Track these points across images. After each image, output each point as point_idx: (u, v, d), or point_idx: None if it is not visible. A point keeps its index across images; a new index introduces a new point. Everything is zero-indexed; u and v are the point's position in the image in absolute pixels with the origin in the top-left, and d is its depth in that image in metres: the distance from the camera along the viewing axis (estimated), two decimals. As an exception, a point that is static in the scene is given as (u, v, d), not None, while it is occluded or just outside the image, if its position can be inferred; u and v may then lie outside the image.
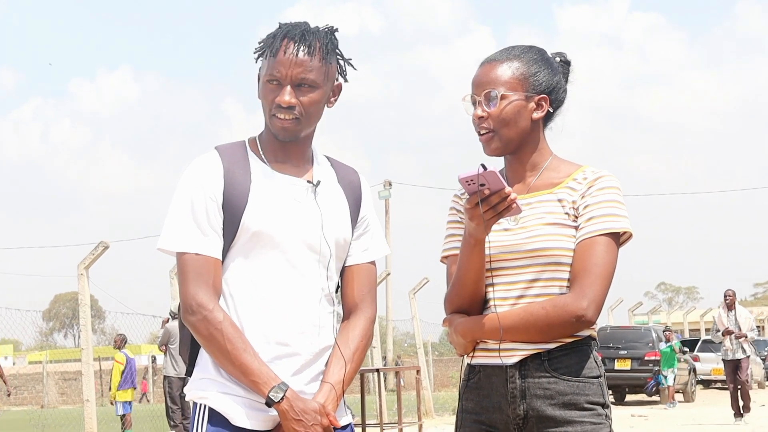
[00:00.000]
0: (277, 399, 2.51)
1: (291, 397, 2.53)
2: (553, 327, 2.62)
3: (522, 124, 2.73)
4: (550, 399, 2.66)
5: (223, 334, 2.55)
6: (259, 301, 2.62)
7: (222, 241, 2.63)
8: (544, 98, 2.75)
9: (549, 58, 2.81)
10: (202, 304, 2.57)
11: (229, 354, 2.54)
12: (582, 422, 2.65)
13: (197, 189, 2.63)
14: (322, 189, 2.72)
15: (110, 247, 11.61)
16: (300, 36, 2.63)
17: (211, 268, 2.60)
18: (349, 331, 2.74)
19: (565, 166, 2.79)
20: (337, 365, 2.67)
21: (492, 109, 2.72)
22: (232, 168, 2.65)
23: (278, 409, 2.52)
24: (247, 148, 2.72)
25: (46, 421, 19.40)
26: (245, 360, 2.54)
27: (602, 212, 2.67)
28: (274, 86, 2.63)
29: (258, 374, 2.53)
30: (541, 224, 2.69)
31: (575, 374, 2.67)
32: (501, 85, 2.72)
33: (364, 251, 2.81)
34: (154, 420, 18.06)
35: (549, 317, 2.62)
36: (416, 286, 18.78)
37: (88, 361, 11.66)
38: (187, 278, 2.60)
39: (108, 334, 65.04)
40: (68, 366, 42.90)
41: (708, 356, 28.16)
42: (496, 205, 2.53)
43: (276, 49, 2.62)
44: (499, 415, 2.72)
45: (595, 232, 2.65)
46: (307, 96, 2.63)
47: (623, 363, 21.64)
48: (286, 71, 2.61)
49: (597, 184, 2.70)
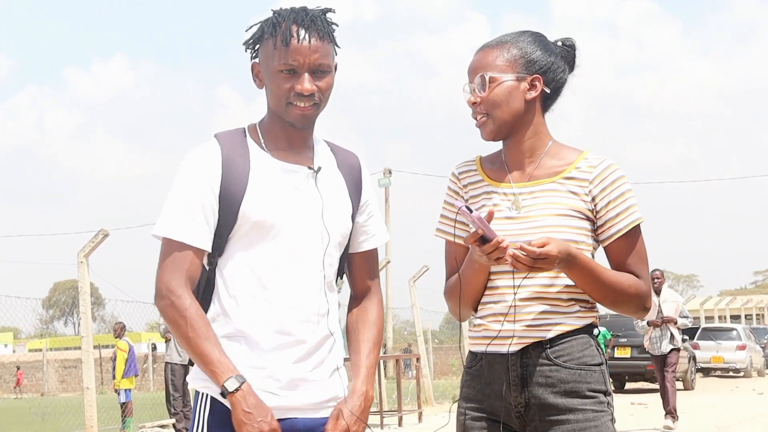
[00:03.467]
0: (231, 389, 2.51)
1: (246, 390, 2.52)
2: (624, 303, 2.72)
3: (515, 105, 2.73)
4: (551, 387, 2.67)
5: (186, 321, 2.55)
6: (260, 290, 2.61)
7: (212, 231, 2.62)
8: (537, 78, 2.75)
9: (544, 40, 2.81)
10: (171, 289, 2.58)
11: (191, 341, 2.55)
12: (584, 410, 2.65)
13: (193, 178, 2.62)
14: (323, 175, 2.70)
15: (110, 235, 11.59)
16: (310, 21, 2.61)
17: (188, 256, 2.59)
18: (368, 314, 2.81)
19: (566, 152, 2.78)
20: (366, 370, 2.73)
21: (483, 93, 2.73)
22: (231, 156, 2.64)
23: (231, 400, 2.52)
24: (247, 136, 2.70)
25: (46, 408, 19.44)
26: (205, 348, 2.54)
27: (625, 206, 2.71)
28: (289, 75, 2.60)
29: (216, 364, 2.53)
30: (547, 215, 2.69)
31: (577, 362, 2.67)
32: (492, 69, 2.73)
33: (372, 237, 2.82)
34: (155, 408, 18.08)
35: (628, 293, 2.70)
36: (416, 273, 18.78)
37: (88, 348, 11.64)
38: (163, 263, 2.61)
39: (108, 321, 65.11)
40: (68, 354, 43.05)
41: (707, 344, 28.19)
42: (491, 253, 2.55)
43: (288, 37, 2.59)
44: (501, 402, 2.72)
45: (628, 226, 2.71)
46: (324, 81, 2.63)
47: (623, 351, 21.67)
48: (303, 59, 2.59)
49: (609, 177, 2.71)
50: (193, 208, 2.60)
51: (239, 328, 2.60)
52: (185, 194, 2.61)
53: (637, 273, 2.72)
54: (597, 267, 2.67)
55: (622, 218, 2.70)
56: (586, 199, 2.71)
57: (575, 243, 2.67)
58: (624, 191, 2.71)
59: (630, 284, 2.70)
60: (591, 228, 2.72)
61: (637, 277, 2.72)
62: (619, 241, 2.71)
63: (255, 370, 2.58)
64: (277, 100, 2.64)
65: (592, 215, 2.71)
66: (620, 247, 2.72)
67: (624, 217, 2.70)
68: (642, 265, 2.73)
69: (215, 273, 2.65)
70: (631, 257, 2.72)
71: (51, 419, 18.13)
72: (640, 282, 2.72)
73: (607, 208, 2.70)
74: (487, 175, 2.83)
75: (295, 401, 2.60)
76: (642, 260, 2.74)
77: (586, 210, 2.70)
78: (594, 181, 2.70)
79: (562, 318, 2.68)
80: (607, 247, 2.73)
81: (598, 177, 2.70)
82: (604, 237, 2.72)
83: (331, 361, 2.69)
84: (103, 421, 15.18)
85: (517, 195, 2.75)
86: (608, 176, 2.70)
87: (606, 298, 2.70)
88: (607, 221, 2.70)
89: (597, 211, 2.71)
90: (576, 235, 2.68)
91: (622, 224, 2.70)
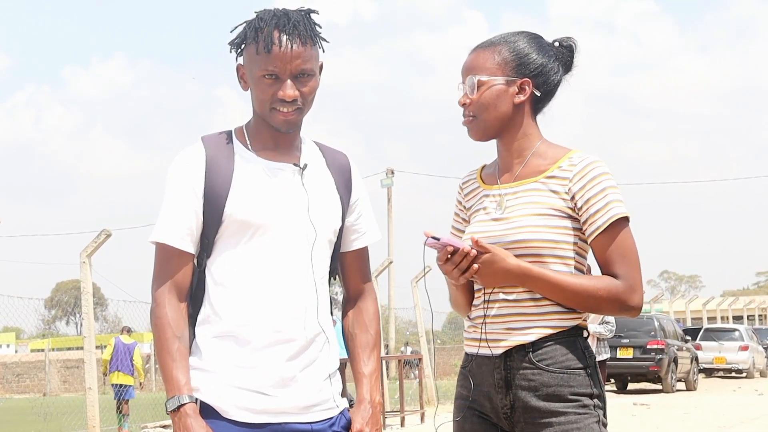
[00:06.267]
0: (170, 408, 2.55)
1: (184, 412, 2.52)
2: (598, 306, 2.68)
3: (502, 109, 2.74)
4: (534, 390, 2.68)
5: (157, 329, 2.60)
6: (249, 289, 2.61)
7: (198, 233, 2.64)
8: (527, 82, 2.75)
9: (539, 41, 2.81)
10: (154, 296, 2.63)
11: (157, 351, 2.60)
12: (566, 413, 2.65)
13: (177, 181, 2.64)
14: (309, 172, 2.70)
15: (112, 235, 11.59)
16: (292, 27, 2.59)
17: (174, 261, 2.63)
18: (364, 315, 2.82)
19: (553, 151, 2.78)
20: (367, 378, 2.75)
21: (473, 95, 2.75)
22: (216, 157, 2.65)
23: (171, 418, 2.56)
24: (233, 137, 2.71)
25: (48, 408, 19.42)
26: (165, 362, 2.57)
27: (606, 201, 2.67)
28: (272, 80, 2.60)
29: (168, 379, 2.56)
30: (525, 215, 2.70)
31: (559, 366, 2.67)
32: (482, 72, 2.75)
33: (363, 235, 2.82)
34: (157, 408, 18.07)
35: (598, 296, 2.66)
36: (418, 274, 18.77)
37: (90, 349, 11.64)
38: (154, 270, 2.66)
39: (110, 321, 65.22)
40: (70, 354, 43.05)
41: (710, 345, 28.19)
42: (460, 263, 2.65)
43: (270, 44, 2.58)
44: (489, 403, 2.75)
45: (607, 222, 2.66)
46: (307, 85, 2.63)
47: (625, 351, 21.65)
48: (285, 65, 2.59)
49: (589, 174, 2.69)
50: (177, 212, 2.62)
51: (230, 328, 2.61)
52: (170, 198, 2.64)
53: (617, 271, 2.66)
54: (555, 277, 2.64)
55: (602, 214, 2.66)
56: (566, 197, 2.69)
57: (555, 243, 2.67)
58: (605, 187, 2.67)
59: (600, 287, 2.65)
60: (575, 227, 2.70)
61: (616, 277, 2.67)
62: (600, 237, 2.67)
63: (245, 369, 2.58)
64: (261, 105, 2.65)
65: (574, 213, 2.69)
66: (602, 243, 2.68)
67: (603, 213, 2.66)
68: (624, 261, 2.67)
69: (205, 274, 2.66)
70: (613, 254, 2.67)
71: (53, 419, 18.11)
72: (614, 283, 2.66)
73: (587, 205, 2.67)
74: (483, 181, 2.87)
75: (284, 402, 2.60)
76: (624, 257, 2.67)
77: (566, 208, 2.69)
78: (573, 178, 2.69)
79: (538, 320, 2.68)
80: (591, 244, 2.70)
81: (578, 174, 2.69)
82: (587, 234, 2.70)
83: (323, 363, 2.68)
84: (106, 422, 15.18)
85: (502, 196, 2.77)
86: (588, 173, 2.68)
87: (576, 305, 2.68)
88: (588, 218, 2.68)
89: (578, 208, 2.69)
90: (556, 234, 2.67)
91: (601, 221, 2.67)
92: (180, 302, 2.62)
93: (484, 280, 2.68)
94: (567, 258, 2.69)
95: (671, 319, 25.47)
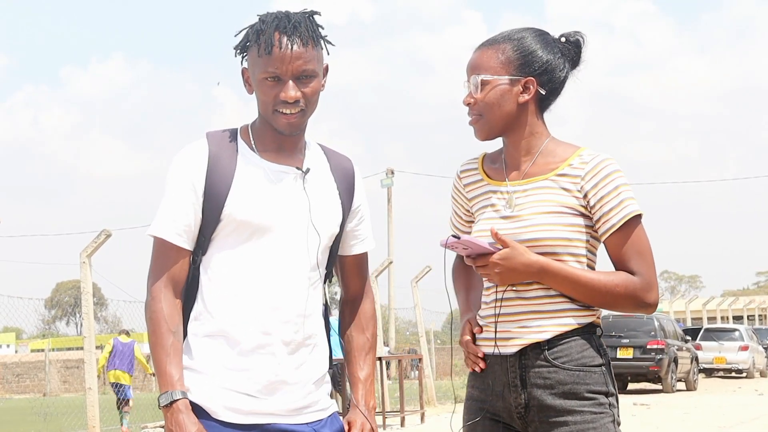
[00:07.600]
0: (162, 404, 2.55)
1: (176, 408, 2.52)
2: (615, 303, 2.68)
3: (507, 108, 2.73)
4: (550, 389, 2.66)
5: (152, 323, 2.61)
6: (243, 290, 2.60)
7: (196, 230, 2.63)
8: (531, 81, 2.73)
9: (545, 38, 2.79)
10: (150, 290, 2.62)
11: (151, 345, 2.61)
12: (582, 411, 2.64)
13: (177, 177, 2.64)
14: (312, 177, 2.70)
15: (112, 235, 11.59)
16: (292, 28, 2.59)
17: (171, 256, 2.62)
18: (361, 317, 2.85)
19: (562, 149, 2.77)
20: (362, 382, 2.77)
21: (478, 95, 2.73)
22: (219, 155, 2.64)
23: (163, 413, 2.56)
24: (238, 136, 2.70)
25: (48, 409, 19.41)
26: (159, 356, 2.57)
27: (619, 198, 2.67)
28: (273, 83, 2.60)
29: (161, 374, 2.56)
30: (538, 213, 2.69)
31: (575, 363, 2.66)
32: (486, 71, 2.74)
33: (362, 241, 2.82)
34: (156, 408, 18.05)
35: (616, 292, 2.66)
36: (418, 274, 18.77)
37: (90, 349, 11.64)
38: (150, 264, 2.66)
39: (110, 321, 65.21)
40: (70, 354, 43.04)
41: (710, 345, 28.19)
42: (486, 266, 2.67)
43: (270, 46, 2.58)
44: (502, 403, 2.73)
45: (622, 220, 2.66)
46: (309, 86, 2.62)
47: (625, 351, 21.64)
48: (285, 67, 2.58)
49: (602, 172, 2.68)
50: (176, 207, 2.62)
51: (221, 327, 2.60)
52: (170, 193, 2.64)
53: (634, 268, 2.67)
54: (574, 273, 2.64)
55: (616, 213, 2.66)
56: (578, 195, 2.69)
57: (569, 241, 2.66)
58: (618, 185, 2.67)
59: (618, 283, 2.65)
60: (587, 224, 2.69)
61: (632, 274, 2.67)
62: (614, 236, 2.67)
63: (234, 372, 2.58)
64: (264, 107, 2.64)
65: (587, 211, 2.69)
66: (616, 242, 2.68)
67: (618, 211, 2.66)
68: (639, 259, 2.67)
69: (200, 271, 2.65)
70: (628, 252, 2.67)
71: (53, 419, 18.10)
72: (631, 279, 2.66)
73: (600, 203, 2.67)
74: (487, 175, 2.85)
75: (272, 406, 2.59)
76: (639, 254, 2.67)
77: (579, 206, 2.68)
78: (585, 177, 2.68)
79: (553, 317, 2.67)
80: (605, 242, 2.70)
81: (590, 172, 2.68)
82: (600, 233, 2.69)
83: (314, 365, 2.68)
84: (106, 422, 15.18)
85: (511, 194, 2.75)
86: (600, 171, 2.68)
87: (593, 301, 2.68)
88: (601, 217, 2.68)
89: (591, 207, 2.68)
90: (568, 232, 2.67)
91: (616, 219, 2.66)
92: (175, 297, 2.62)
93: (502, 276, 2.66)
94: (580, 256, 2.69)
95: (671, 319, 25.47)
